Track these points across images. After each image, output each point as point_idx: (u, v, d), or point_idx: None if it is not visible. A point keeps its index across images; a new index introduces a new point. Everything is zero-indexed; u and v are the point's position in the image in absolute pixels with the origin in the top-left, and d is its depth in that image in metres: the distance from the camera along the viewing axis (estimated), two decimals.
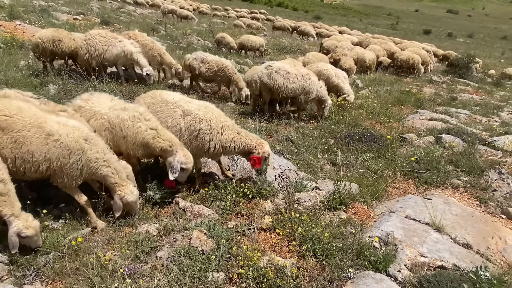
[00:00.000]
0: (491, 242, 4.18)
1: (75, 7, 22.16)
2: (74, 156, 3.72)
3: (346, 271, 3.55)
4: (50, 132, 3.66)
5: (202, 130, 4.63)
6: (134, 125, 4.29)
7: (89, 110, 4.46)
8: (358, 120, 8.19)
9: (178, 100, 4.87)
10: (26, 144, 3.57)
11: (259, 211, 4.47)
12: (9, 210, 3.30)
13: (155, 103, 4.85)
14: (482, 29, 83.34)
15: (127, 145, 4.36)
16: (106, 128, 4.37)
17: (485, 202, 5.04)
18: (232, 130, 4.79)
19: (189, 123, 4.65)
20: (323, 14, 65.25)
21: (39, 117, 3.71)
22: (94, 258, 3.40)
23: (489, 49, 43.82)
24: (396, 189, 5.52)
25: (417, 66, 15.51)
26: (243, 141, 4.78)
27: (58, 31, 8.84)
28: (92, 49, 8.31)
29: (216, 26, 25.08)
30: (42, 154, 3.62)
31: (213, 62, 8.99)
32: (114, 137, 4.37)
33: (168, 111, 4.75)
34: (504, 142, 6.88)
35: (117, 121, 4.33)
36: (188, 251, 3.53)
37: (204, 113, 4.71)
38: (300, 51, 19.40)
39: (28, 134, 3.58)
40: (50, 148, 3.64)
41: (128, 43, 8.50)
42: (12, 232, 3.28)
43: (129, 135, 4.30)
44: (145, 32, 17.14)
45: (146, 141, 4.29)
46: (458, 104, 10.97)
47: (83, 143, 3.78)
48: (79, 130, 3.83)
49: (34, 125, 3.63)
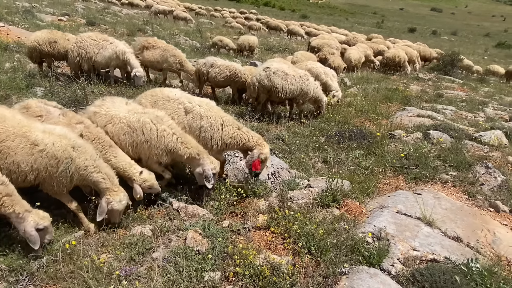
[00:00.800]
0: (481, 235, 4.29)
1: (59, 8, 21.82)
2: (62, 165, 3.64)
3: (340, 267, 3.59)
4: (35, 142, 3.57)
5: (203, 127, 4.60)
6: (157, 128, 4.19)
7: (105, 115, 4.35)
8: (348, 118, 8.27)
9: (180, 96, 4.80)
10: (11, 154, 3.48)
11: (253, 210, 4.49)
12: (21, 207, 3.27)
13: (157, 101, 4.76)
14: (465, 26, 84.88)
15: (150, 149, 4.24)
16: (125, 132, 4.26)
17: (474, 196, 5.16)
18: (232, 126, 4.75)
19: (191, 121, 4.61)
20: (310, 13, 65.59)
21: (23, 126, 3.62)
22: (89, 261, 3.37)
23: (472, 46, 44.70)
24: (387, 185, 5.60)
25: (403, 64, 15.70)
26: (243, 137, 4.75)
27: (53, 32, 8.77)
28: (83, 52, 8.21)
29: (203, 26, 24.99)
30: (29, 165, 3.54)
31: (223, 66, 8.74)
32: (134, 141, 4.26)
33: (172, 107, 4.68)
34: (490, 137, 7.04)
35: (138, 124, 4.22)
36: (183, 251, 3.53)
37: (205, 110, 4.67)
38: (288, 50, 19.48)
39: (13, 144, 3.49)
40: (37, 158, 3.56)
41: (120, 44, 8.38)
42: (29, 227, 3.24)
43: (152, 139, 4.19)
44: (132, 33, 17.17)
45: (173, 145, 4.20)
46: (444, 101, 11.16)
47: (71, 151, 3.69)
48: (66, 138, 3.74)
49: (18, 134, 3.54)
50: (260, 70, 7.69)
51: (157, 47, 9.28)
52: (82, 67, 8.45)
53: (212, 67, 8.70)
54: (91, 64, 8.40)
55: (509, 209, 4.88)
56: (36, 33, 8.71)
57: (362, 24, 58.93)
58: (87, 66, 8.42)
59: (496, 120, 9.26)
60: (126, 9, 29.20)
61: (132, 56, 8.39)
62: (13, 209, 3.25)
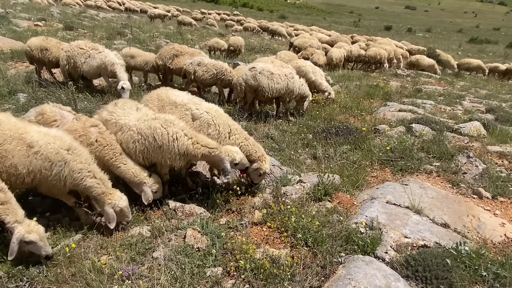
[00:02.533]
0: (466, 221, 4.50)
1: (34, 13, 21.36)
2: (56, 168, 3.63)
3: (337, 257, 3.72)
4: (31, 144, 3.57)
5: (210, 135, 4.56)
6: (168, 131, 4.18)
7: (115, 123, 4.33)
8: (333, 115, 8.45)
9: (187, 101, 4.75)
10: (8, 158, 3.48)
11: (248, 207, 4.57)
12: (12, 217, 3.23)
13: (164, 106, 4.71)
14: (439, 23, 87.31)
15: (163, 154, 4.23)
16: (135, 140, 4.23)
17: (457, 184, 5.39)
18: (240, 135, 4.72)
19: (199, 128, 4.56)
20: (288, 14, 66.12)
21: (19, 128, 3.62)
22: (89, 263, 3.39)
23: (446, 42, 46.03)
24: (375, 178, 5.78)
25: (383, 61, 16.10)
26: (248, 149, 4.71)
27: (47, 39, 8.70)
28: (71, 61, 8.10)
29: (183, 28, 24.93)
30: (25, 167, 3.54)
31: (211, 65, 8.72)
32: (145, 148, 4.23)
33: (179, 113, 4.64)
34: (469, 128, 7.34)
35: (149, 131, 4.19)
36: (184, 249, 3.58)
37: (213, 118, 4.63)
38: (269, 50, 19.63)
39: (10, 147, 3.49)
40: (32, 160, 3.56)
41: (110, 54, 8.09)
42: (14, 238, 3.19)
43: (165, 144, 4.17)
44: (111, 36, 16.96)
45: (185, 148, 4.19)
46: (423, 96, 11.51)
47: (64, 154, 3.68)
48: (61, 140, 3.73)
49: (15, 137, 3.54)
50: (246, 70, 7.76)
51: (185, 53, 9.30)
52: (72, 75, 8.33)
53: (199, 65, 8.69)
54: (79, 73, 8.26)
55: (491, 195, 5.11)
56: (31, 39, 8.75)
57: (340, 23, 59.81)
58: (76, 74, 8.29)
59: (474, 112, 9.64)
60: (103, 13, 28.78)
61: (121, 69, 8.01)
62: (3, 218, 3.23)
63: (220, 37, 23.61)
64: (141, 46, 15.69)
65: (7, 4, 24.62)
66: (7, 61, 10.31)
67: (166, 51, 9.52)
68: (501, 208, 4.90)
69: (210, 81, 9.00)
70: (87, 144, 4.10)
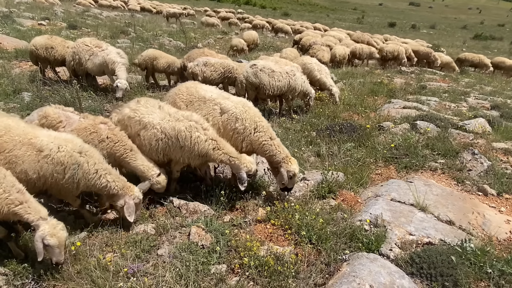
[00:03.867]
0: (471, 218, 4.48)
1: (38, 12, 21.43)
2: (69, 171, 3.61)
3: (341, 254, 3.72)
4: (41, 148, 3.54)
5: (236, 129, 4.56)
6: (192, 135, 4.22)
7: (138, 121, 4.34)
8: (337, 112, 8.42)
9: (216, 96, 4.75)
10: (19, 163, 3.45)
11: (252, 204, 4.57)
12: (35, 215, 3.20)
13: (193, 101, 4.71)
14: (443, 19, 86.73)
15: (182, 154, 4.30)
16: (158, 139, 4.27)
17: (462, 182, 5.36)
18: (265, 133, 4.66)
19: (226, 122, 4.56)
20: (291, 11, 65.96)
21: (27, 133, 3.59)
22: (95, 260, 3.40)
23: (451, 38, 45.68)
24: (379, 175, 5.76)
25: (401, 57, 16.02)
26: (271, 149, 4.62)
27: (52, 38, 8.78)
28: (77, 58, 8.16)
29: (186, 26, 24.90)
30: (36, 172, 3.52)
31: (217, 64, 8.72)
32: (168, 147, 4.29)
33: (207, 108, 4.64)
34: (474, 125, 7.30)
35: (173, 132, 4.24)
36: (188, 247, 3.59)
37: (241, 112, 4.62)
38: (273, 48, 19.59)
39: (20, 153, 3.47)
40: (43, 165, 3.52)
41: (112, 52, 8.09)
42: (37, 236, 3.14)
43: (186, 145, 4.24)
44: (114, 35, 17.00)
45: (206, 151, 4.26)
46: (427, 92, 11.45)
47: (77, 157, 3.65)
48: (72, 143, 3.70)
49: (24, 142, 3.51)
50: (247, 68, 7.75)
51: (215, 57, 9.31)
52: (77, 72, 8.37)
53: (206, 66, 8.69)
54: (84, 70, 8.30)
55: (497, 192, 5.09)
56: (36, 38, 8.80)
57: (343, 20, 59.56)
58: (81, 71, 8.34)
59: (478, 109, 9.58)
60: (107, 11, 28.83)
61: (121, 68, 7.96)
62: (26, 218, 3.22)
63: (224, 35, 23.63)
64: (144, 45, 15.74)
65: (11, 3, 24.71)
66: (11, 60, 10.36)
67: (197, 53, 9.59)
68: (506, 205, 4.87)
69: (218, 80, 9.01)
70: (98, 141, 4.13)
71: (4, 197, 3.12)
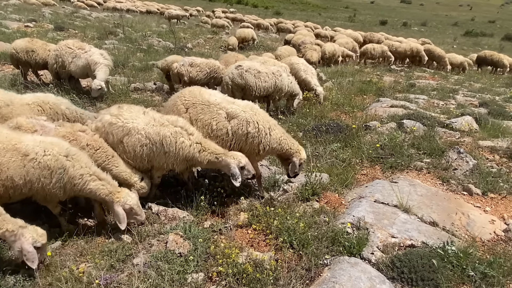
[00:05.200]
0: (455, 218, 4.43)
1: (25, 14, 21.11)
2: (56, 176, 3.51)
3: (322, 259, 3.64)
4: (26, 152, 3.42)
5: (250, 133, 4.46)
6: (177, 141, 4.13)
7: (122, 126, 4.18)
8: (324, 112, 8.36)
9: (221, 101, 4.63)
10: (3, 170, 3.33)
11: (234, 209, 4.49)
12: (13, 225, 3.11)
13: (195, 104, 4.57)
14: (434, 17, 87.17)
15: (166, 159, 4.20)
16: (143, 144, 4.14)
17: (447, 181, 5.32)
18: (279, 130, 4.67)
19: (236, 127, 4.45)
20: (283, 10, 65.89)
21: (12, 139, 3.47)
22: (67, 271, 3.29)
23: (442, 36, 45.95)
24: (364, 176, 5.70)
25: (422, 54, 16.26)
26: (287, 142, 4.66)
27: (33, 41, 8.59)
28: (59, 60, 7.99)
29: (176, 27, 24.73)
30: (22, 178, 3.41)
31: (203, 64, 8.68)
32: (152, 152, 4.17)
33: (211, 113, 4.51)
34: (460, 123, 7.27)
35: (158, 138, 4.12)
36: (165, 255, 3.49)
37: (251, 115, 4.52)
38: (263, 47, 19.52)
39: (4, 160, 3.35)
40: (29, 169, 3.42)
41: (95, 54, 7.90)
42: (27, 244, 3.08)
43: (171, 151, 4.14)
44: (102, 36, 16.80)
45: (192, 155, 4.16)
46: (416, 90, 11.44)
47: (64, 161, 3.55)
48: (59, 146, 3.60)
49: (8, 149, 3.39)
50: (233, 69, 7.66)
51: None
52: (60, 75, 8.21)
53: (191, 66, 8.62)
54: (67, 73, 8.14)
55: (482, 191, 5.05)
56: (16, 41, 8.62)
57: (335, 19, 59.64)
58: (64, 74, 8.17)
59: (467, 106, 9.57)
60: (96, 12, 28.56)
61: (103, 69, 7.76)
62: (5, 229, 3.11)
63: (214, 34, 23.50)
64: (133, 46, 15.57)
65: None
66: None
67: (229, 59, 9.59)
68: (491, 204, 4.83)
69: (204, 81, 8.94)
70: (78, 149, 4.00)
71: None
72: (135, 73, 10.75)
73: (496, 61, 17.78)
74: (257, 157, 4.73)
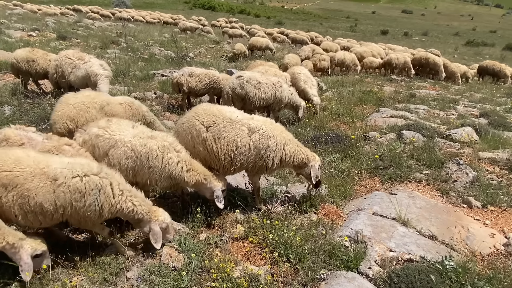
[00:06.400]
0: (455, 232, 4.37)
1: (29, 23, 21.36)
2: (90, 197, 3.36)
3: (319, 273, 3.59)
4: (55, 177, 3.28)
5: (269, 147, 4.42)
6: (163, 156, 4.03)
7: (108, 138, 4.10)
8: (324, 122, 8.34)
9: (242, 117, 4.58)
10: (31, 197, 3.20)
11: (230, 221, 4.44)
12: (13, 238, 3.11)
13: (217, 122, 4.45)
14: (436, 27, 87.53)
15: (150, 175, 4.07)
16: (128, 157, 4.03)
17: (447, 193, 5.26)
18: (292, 144, 4.65)
19: (258, 141, 4.39)
20: (285, 20, 66.29)
21: (39, 162, 3.32)
22: (60, 285, 3.25)
23: (443, 45, 46.02)
24: (363, 187, 5.65)
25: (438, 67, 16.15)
26: (300, 153, 4.65)
27: (33, 51, 8.67)
28: (59, 70, 8.04)
29: (178, 36, 24.91)
30: (52, 203, 3.26)
31: (203, 74, 8.70)
32: (136, 166, 4.05)
33: (235, 130, 4.41)
34: (460, 134, 7.22)
35: (144, 150, 4.01)
36: (159, 269, 3.45)
37: (271, 129, 4.50)
38: (264, 57, 19.60)
39: (32, 186, 3.21)
40: (59, 194, 3.27)
41: (95, 65, 7.92)
42: (25, 255, 3.10)
43: (156, 166, 4.01)
44: (105, 45, 16.93)
45: (177, 173, 4.06)
46: (417, 100, 11.41)
47: (96, 180, 3.41)
48: (89, 166, 3.46)
49: (36, 173, 3.25)
50: (233, 79, 7.68)
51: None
52: (60, 84, 8.25)
53: (191, 76, 8.66)
54: (66, 83, 8.17)
55: (482, 204, 4.99)
56: (17, 51, 8.71)
57: (336, 29, 59.94)
58: (64, 84, 8.21)
59: (467, 117, 9.52)
60: (99, 22, 28.83)
61: (103, 80, 7.78)
62: (6, 242, 3.10)
63: (216, 44, 23.63)
64: (134, 55, 15.67)
65: (2, 14, 24.68)
66: None
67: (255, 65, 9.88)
68: (491, 217, 4.77)
69: (204, 91, 8.99)
70: None
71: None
72: (135, 83, 10.78)
73: (498, 71, 17.61)
74: (266, 171, 4.68)
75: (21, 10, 29.56)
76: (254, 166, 4.51)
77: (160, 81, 11.21)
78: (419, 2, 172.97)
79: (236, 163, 4.41)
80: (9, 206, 3.18)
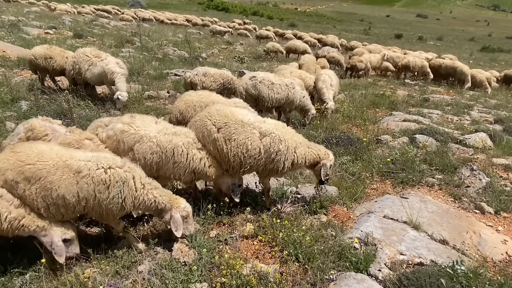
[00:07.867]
0: (466, 237, 4.32)
1: (46, 21, 21.80)
2: (114, 190, 3.41)
3: (328, 274, 3.59)
4: (78, 169, 3.32)
5: (280, 151, 4.44)
6: (188, 152, 4.18)
7: (134, 134, 4.18)
8: (335, 124, 8.32)
9: (254, 120, 4.59)
10: (54, 189, 3.25)
11: (240, 219, 4.47)
12: (42, 221, 3.24)
13: (228, 124, 4.47)
14: (451, 31, 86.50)
15: (174, 170, 4.19)
16: (154, 152, 4.11)
17: (459, 198, 5.21)
18: (303, 146, 4.66)
19: (269, 145, 4.41)
20: (298, 22, 66.22)
21: (62, 156, 3.37)
22: (73, 276, 3.32)
23: (458, 50, 45.43)
24: (374, 190, 5.63)
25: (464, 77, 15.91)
26: (312, 153, 4.68)
27: (51, 48, 8.84)
28: (76, 67, 8.22)
29: (192, 36, 25.10)
30: (75, 195, 3.30)
31: (217, 74, 8.77)
32: (161, 161, 4.15)
33: (246, 133, 4.43)
34: (474, 140, 7.14)
35: (169, 146, 4.11)
36: (169, 263, 3.50)
37: (283, 133, 4.51)
38: (276, 58, 19.63)
39: (55, 178, 3.25)
40: (82, 186, 3.31)
41: (111, 62, 8.08)
42: (56, 237, 3.23)
43: (181, 161, 4.15)
44: (119, 44, 17.17)
45: (200, 169, 4.24)
46: (430, 105, 11.30)
47: (121, 173, 3.47)
48: (113, 160, 3.54)
49: (59, 166, 3.30)
50: (247, 79, 7.72)
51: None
52: (77, 81, 8.41)
53: (205, 76, 8.70)
54: (83, 79, 8.34)
55: (494, 210, 4.93)
56: (35, 48, 8.87)
57: (350, 31, 59.70)
58: (80, 81, 8.38)
59: (481, 122, 9.40)
60: (115, 21, 29.24)
61: (120, 78, 7.95)
62: (36, 225, 3.24)
63: (229, 45, 23.75)
64: (149, 54, 15.86)
65: (20, 12, 25.22)
66: (13, 69, 10.46)
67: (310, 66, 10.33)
68: (504, 224, 4.71)
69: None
70: None
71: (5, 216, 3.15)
72: (149, 81, 10.92)
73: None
74: (277, 174, 4.70)
75: (38, 8, 30.17)
76: (264, 169, 4.54)
77: (174, 81, 11.33)
78: (434, 6, 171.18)
79: (245, 165, 4.43)
80: (32, 199, 3.25)
